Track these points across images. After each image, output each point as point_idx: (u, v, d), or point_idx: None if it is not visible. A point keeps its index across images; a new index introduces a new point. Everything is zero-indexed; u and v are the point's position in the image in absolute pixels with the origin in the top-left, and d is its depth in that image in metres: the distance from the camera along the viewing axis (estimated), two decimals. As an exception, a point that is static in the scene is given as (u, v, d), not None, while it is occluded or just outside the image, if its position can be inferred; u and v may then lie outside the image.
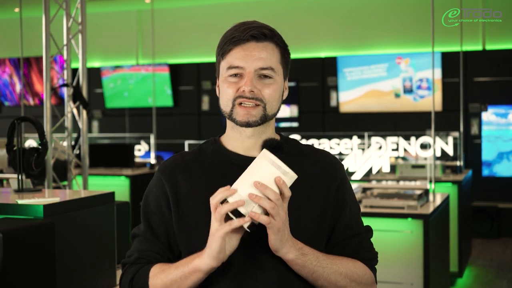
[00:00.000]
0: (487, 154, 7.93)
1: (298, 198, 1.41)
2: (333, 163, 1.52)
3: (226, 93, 1.43)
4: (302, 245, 1.37)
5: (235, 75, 1.42)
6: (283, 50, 1.46)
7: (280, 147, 1.43)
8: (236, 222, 1.28)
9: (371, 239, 1.57)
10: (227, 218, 1.31)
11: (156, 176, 1.51)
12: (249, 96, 1.40)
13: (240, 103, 1.41)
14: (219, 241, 1.29)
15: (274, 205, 1.28)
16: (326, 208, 1.47)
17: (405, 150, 6.48)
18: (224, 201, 1.30)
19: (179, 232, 1.46)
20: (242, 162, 1.43)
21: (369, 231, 1.55)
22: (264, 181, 1.30)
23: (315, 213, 1.45)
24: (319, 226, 1.46)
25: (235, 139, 1.48)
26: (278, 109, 1.47)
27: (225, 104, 1.44)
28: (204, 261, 1.33)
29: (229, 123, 1.48)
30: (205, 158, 1.50)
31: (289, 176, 1.33)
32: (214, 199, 1.30)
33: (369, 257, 1.51)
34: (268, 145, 1.41)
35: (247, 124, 1.41)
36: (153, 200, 1.49)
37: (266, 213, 1.31)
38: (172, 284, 1.38)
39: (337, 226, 1.49)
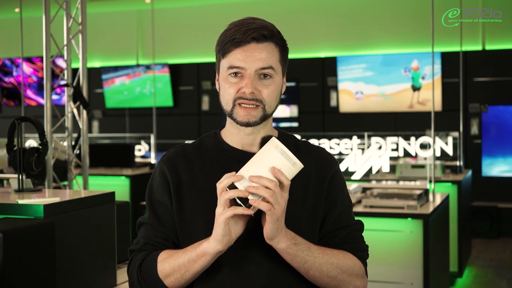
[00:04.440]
0: (487, 154, 7.92)
1: (293, 193, 1.44)
2: (327, 158, 1.56)
3: (227, 92, 1.46)
4: (294, 235, 1.40)
5: (236, 74, 1.45)
6: (282, 48, 1.50)
7: None
8: (240, 210, 1.31)
9: (366, 237, 1.58)
10: (232, 203, 1.34)
11: (159, 166, 1.54)
12: (250, 98, 1.44)
13: (240, 104, 1.44)
14: (222, 225, 1.33)
15: (273, 193, 1.30)
16: (320, 203, 1.51)
17: (404, 151, 6.48)
18: (231, 186, 1.33)
19: (178, 221, 1.49)
20: (241, 157, 1.48)
21: (360, 224, 1.57)
22: (269, 169, 1.33)
23: (309, 208, 1.49)
24: (312, 221, 1.50)
25: (234, 135, 1.52)
26: (277, 106, 1.51)
27: (225, 103, 1.47)
28: (211, 244, 1.36)
29: (229, 118, 1.51)
30: (205, 151, 1.54)
31: (297, 167, 1.36)
32: (221, 184, 1.34)
33: (359, 248, 1.53)
34: (266, 142, 1.42)
35: (247, 124, 1.46)
36: (156, 189, 1.53)
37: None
38: (181, 267, 1.41)
39: (328, 217, 1.52)
